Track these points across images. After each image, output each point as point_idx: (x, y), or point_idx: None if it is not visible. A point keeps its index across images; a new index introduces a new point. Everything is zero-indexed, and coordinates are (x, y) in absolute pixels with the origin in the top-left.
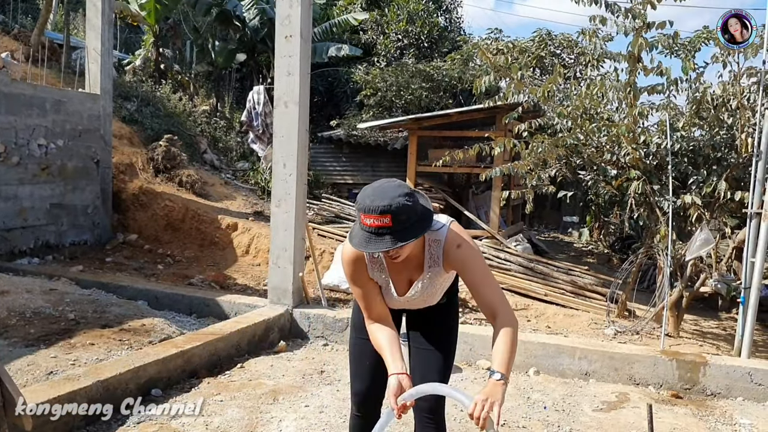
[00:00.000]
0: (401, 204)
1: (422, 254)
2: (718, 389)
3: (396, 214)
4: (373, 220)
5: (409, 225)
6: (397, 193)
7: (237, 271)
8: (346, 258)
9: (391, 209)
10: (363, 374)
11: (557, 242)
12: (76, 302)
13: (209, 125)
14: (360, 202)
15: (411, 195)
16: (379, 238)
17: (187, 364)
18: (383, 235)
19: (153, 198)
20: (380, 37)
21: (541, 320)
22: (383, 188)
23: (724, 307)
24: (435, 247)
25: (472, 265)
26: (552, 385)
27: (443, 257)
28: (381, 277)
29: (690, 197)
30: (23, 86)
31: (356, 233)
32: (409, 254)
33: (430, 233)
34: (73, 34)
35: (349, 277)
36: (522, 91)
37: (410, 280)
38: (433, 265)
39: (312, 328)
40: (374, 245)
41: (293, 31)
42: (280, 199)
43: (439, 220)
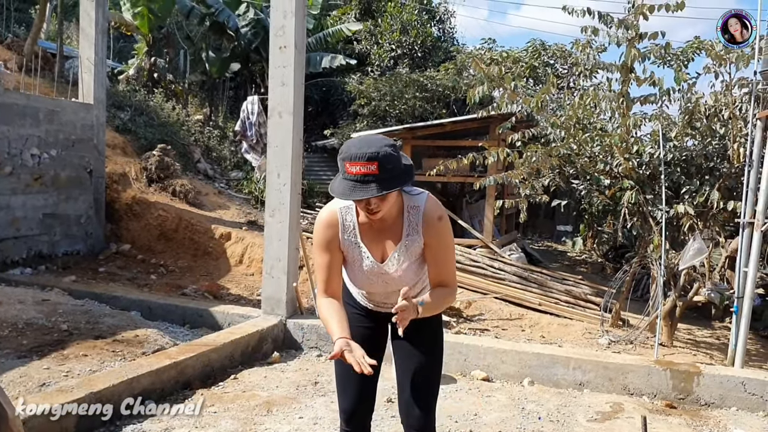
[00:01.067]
0: (387, 152)
1: (400, 220)
2: (712, 399)
3: (382, 161)
4: (359, 167)
5: (395, 174)
6: (383, 143)
7: (230, 281)
8: (320, 222)
9: (378, 156)
10: (349, 391)
11: (551, 251)
12: (69, 313)
13: (203, 135)
14: (345, 152)
15: (395, 146)
16: (364, 186)
17: (181, 376)
18: (369, 183)
19: (146, 208)
20: (374, 47)
21: (536, 330)
22: (368, 139)
23: (717, 316)
24: (414, 213)
25: (444, 243)
26: (546, 396)
27: (423, 225)
28: (354, 245)
29: (683, 207)
30: (16, 96)
31: (339, 183)
32: (387, 218)
33: (408, 198)
34: (66, 43)
35: (319, 243)
36: (515, 101)
37: (385, 251)
38: (411, 233)
39: (306, 339)
40: (360, 192)
41: (287, 41)
42: (274, 209)
43: (419, 189)
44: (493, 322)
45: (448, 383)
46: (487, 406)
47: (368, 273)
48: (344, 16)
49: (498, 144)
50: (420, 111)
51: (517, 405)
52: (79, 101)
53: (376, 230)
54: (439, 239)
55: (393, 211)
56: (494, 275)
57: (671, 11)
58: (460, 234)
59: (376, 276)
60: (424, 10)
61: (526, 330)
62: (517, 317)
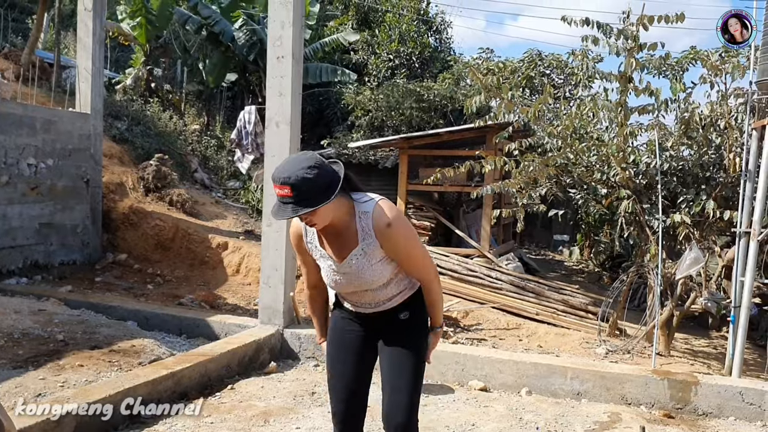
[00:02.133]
0: (300, 177)
1: (354, 225)
2: (709, 409)
3: (295, 185)
4: (278, 190)
5: (311, 195)
6: (300, 166)
7: (227, 291)
8: (290, 229)
9: (290, 181)
10: (341, 393)
11: (548, 261)
12: (65, 323)
13: (200, 144)
14: (272, 173)
15: (314, 167)
16: (284, 206)
17: (177, 386)
18: (287, 204)
19: (143, 217)
20: (371, 57)
21: (533, 339)
22: (290, 161)
23: (714, 326)
24: (365, 219)
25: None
26: (544, 406)
27: (374, 232)
28: (315, 248)
29: (679, 216)
30: (13, 106)
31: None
32: (337, 224)
33: (358, 204)
34: (63, 53)
35: (293, 247)
36: (512, 111)
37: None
38: (366, 237)
39: (303, 349)
40: (280, 213)
41: (285, 52)
42: (271, 219)
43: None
44: (491, 331)
45: (446, 393)
46: (485, 417)
47: (333, 274)
48: (341, 26)
49: (495, 153)
50: (417, 121)
51: (515, 415)
52: (76, 111)
53: (333, 235)
54: (395, 244)
55: (344, 218)
56: (491, 285)
57: (671, 23)
58: (456, 243)
59: (340, 276)
60: (421, 20)
61: (523, 340)
62: (514, 327)
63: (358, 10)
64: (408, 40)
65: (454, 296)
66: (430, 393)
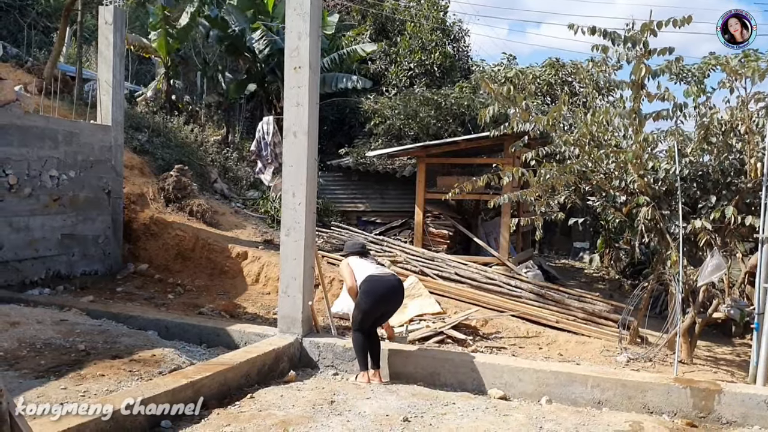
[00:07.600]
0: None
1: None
2: (733, 418)
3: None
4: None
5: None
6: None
7: (247, 300)
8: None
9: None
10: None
11: (567, 268)
12: (86, 333)
13: (220, 155)
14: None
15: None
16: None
17: (197, 395)
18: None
19: (164, 228)
20: (390, 66)
21: (553, 348)
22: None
23: (737, 333)
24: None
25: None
26: (564, 414)
27: None
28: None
29: (700, 222)
30: (36, 118)
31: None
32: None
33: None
34: (85, 66)
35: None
36: (528, 120)
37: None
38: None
39: (322, 358)
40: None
41: (302, 62)
42: (289, 228)
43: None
44: (510, 340)
45: (465, 402)
46: (505, 426)
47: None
48: (359, 36)
49: (513, 161)
50: (435, 129)
51: (535, 424)
52: (97, 123)
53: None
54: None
55: None
56: (511, 293)
57: (678, 26)
58: (475, 252)
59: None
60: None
61: (543, 348)
62: (534, 335)
63: (375, 20)
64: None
65: (474, 305)
66: (449, 401)
